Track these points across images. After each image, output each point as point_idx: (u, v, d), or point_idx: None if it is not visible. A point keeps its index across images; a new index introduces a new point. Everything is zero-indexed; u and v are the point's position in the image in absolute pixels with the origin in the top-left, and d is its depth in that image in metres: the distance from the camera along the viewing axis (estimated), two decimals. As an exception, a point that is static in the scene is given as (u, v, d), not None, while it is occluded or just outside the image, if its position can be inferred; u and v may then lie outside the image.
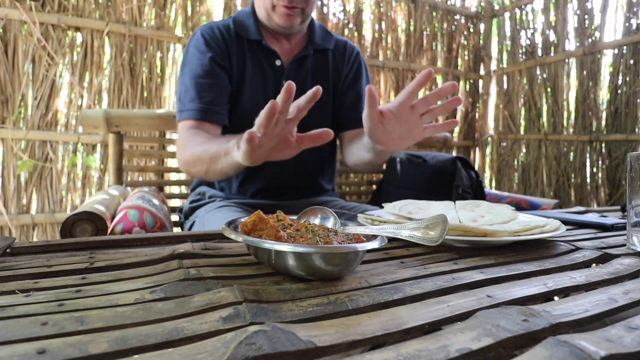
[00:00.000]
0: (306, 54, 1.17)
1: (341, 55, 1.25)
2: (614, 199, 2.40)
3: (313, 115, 1.17)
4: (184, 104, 1.08)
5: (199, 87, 1.07)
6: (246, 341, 0.26)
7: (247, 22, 1.15)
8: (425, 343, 0.27)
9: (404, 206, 0.73)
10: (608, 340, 0.27)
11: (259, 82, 1.13)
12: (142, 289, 0.37)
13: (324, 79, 1.20)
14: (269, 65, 1.14)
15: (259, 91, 1.13)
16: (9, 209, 1.91)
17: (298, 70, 1.17)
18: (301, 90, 1.15)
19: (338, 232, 0.48)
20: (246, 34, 1.13)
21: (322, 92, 1.17)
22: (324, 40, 1.22)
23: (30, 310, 0.32)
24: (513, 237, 0.55)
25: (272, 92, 1.14)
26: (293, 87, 0.72)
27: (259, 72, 1.14)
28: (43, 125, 1.95)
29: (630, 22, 2.30)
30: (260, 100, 1.11)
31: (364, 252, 0.43)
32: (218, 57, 1.10)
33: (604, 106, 2.47)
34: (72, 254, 0.51)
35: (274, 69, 1.15)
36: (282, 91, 0.73)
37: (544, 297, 0.40)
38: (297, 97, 1.14)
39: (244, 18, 1.16)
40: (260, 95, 1.13)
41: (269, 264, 0.44)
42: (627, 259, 0.52)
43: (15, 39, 1.86)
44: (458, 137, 3.12)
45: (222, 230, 0.46)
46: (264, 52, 1.14)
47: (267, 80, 1.14)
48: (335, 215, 0.54)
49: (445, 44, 3.02)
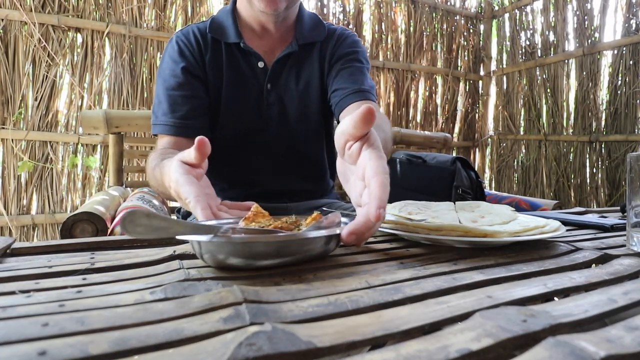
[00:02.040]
0: (291, 50, 1.07)
1: (330, 42, 1.12)
2: (613, 199, 2.40)
3: (301, 119, 1.11)
4: (157, 117, 1.03)
5: (171, 100, 1.02)
6: (246, 342, 0.26)
7: (225, 23, 1.06)
8: (425, 343, 0.27)
9: (404, 207, 0.72)
10: (608, 340, 0.27)
11: (239, 88, 1.06)
12: (143, 289, 0.37)
13: (311, 74, 1.11)
14: (250, 69, 1.06)
15: (241, 98, 1.06)
16: (9, 210, 1.92)
17: (282, 70, 1.08)
18: (286, 90, 1.10)
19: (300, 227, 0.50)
20: (223, 37, 1.05)
21: (309, 88, 1.12)
22: (313, 31, 1.11)
23: (31, 311, 0.32)
24: (513, 238, 0.55)
25: (256, 98, 1.07)
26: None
27: (239, 77, 1.06)
28: (43, 126, 1.95)
29: (630, 23, 2.30)
30: (242, 108, 1.06)
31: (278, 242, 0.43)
32: (192, 67, 1.03)
33: (603, 107, 2.48)
34: (73, 255, 0.51)
35: (255, 72, 1.06)
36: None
37: (544, 297, 0.40)
38: (283, 98, 1.09)
39: (222, 18, 1.08)
40: (243, 102, 1.06)
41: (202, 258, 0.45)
42: (627, 260, 0.52)
43: (16, 40, 1.87)
44: (458, 138, 3.12)
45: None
46: (243, 55, 1.06)
47: (248, 85, 1.06)
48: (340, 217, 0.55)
49: (445, 45, 3.02)
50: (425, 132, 2.72)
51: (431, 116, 2.99)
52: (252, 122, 1.08)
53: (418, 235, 0.55)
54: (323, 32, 1.12)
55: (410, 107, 2.91)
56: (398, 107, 2.84)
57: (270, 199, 1.09)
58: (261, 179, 1.10)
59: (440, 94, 3.03)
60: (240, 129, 1.08)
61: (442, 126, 3.03)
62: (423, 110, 2.97)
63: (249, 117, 1.07)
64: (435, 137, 2.10)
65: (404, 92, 2.84)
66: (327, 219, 0.53)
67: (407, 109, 2.89)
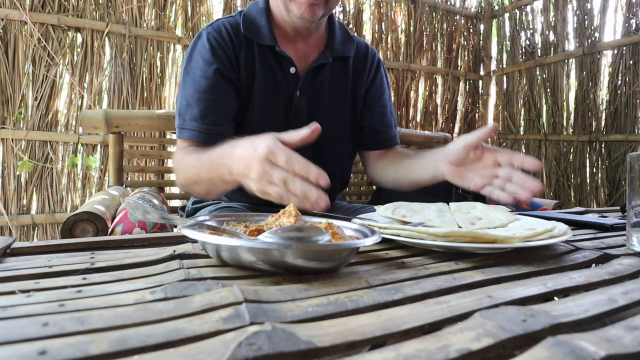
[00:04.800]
0: (324, 61, 1.05)
1: (362, 63, 1.14)
2: (613, 199, 2.40)
3: (328, 133, 1.08)
4: (184, 120, 0.98)
5: (202, 105, 0.97)
6: (246, 341, 0.26)
7: (258, 22, 1.02)
8: (425, 343, 0.27)
9: (397, 209, 0.71)
10: (608, 340, 0.27)
11: (269, 91, 1.03)
12: (143, 289, 0.37)
13: (343, 90, 1.11)
14: (282, 74, 1.03)
15: (270, 102, 1.03)
16: (9, 210, 1.92)
17: (314, 79, 1.06)
18: (316, 100, 1.07)
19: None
20: (258, 38, 1.01)
21: (339, 104, 1.11)
22: (345, 45, 1.10)
23: (31, 311, 0.32)
24: (525, 243, 0.53)
25: (284, 104, 1.04)
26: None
27: (271, 81, 1.03)
28: (43, 126, 1.95)
29: (630, 23, 2.30)
30: (270, 112, 1.03)
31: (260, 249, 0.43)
32: (225, 69, 0.99)
33: (603, 106, 2.48)
34: (73, 255, 0.51)
35: (287, 78, 1.04)
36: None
37: (544, 297, 0.40)
38: (312, 107, 1.07)
39: (255, 16, 1.04)
40: (271, 107, 1.03)
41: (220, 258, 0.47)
42: (627, 259, 0.52)
43: (16, 40, 1.87)
44: (458, 138, 3.12)
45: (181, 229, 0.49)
46: (277, 58, 1.03)
47: (279, 90, 1.03)
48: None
49: (445, 45, 3.02)
50: (425, 131, 2.72)
51: (431, 116, 2.99)
52: (277, 127, 1.01)
53: (424, 242, 0.53)
54: (353, 46, 1.12)
55: (410, 106, 2.90)
56: (398, 106, 2.84)
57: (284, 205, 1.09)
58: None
59: (440, 94, 3.03)
60: (265, 132, 1.03)
61: (442, 126, 3.03)
62: (423, 110, 2.97)
63: (276, 122, 1.03)
64: (435, 136, 2.10)
65: (404, 92, 2.84)
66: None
67: (407, 109, 2.89)
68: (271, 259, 0.43)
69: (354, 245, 0.46)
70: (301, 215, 0.56)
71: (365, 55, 1.15)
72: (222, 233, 0.48)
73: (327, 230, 0.49)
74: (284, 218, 0.54)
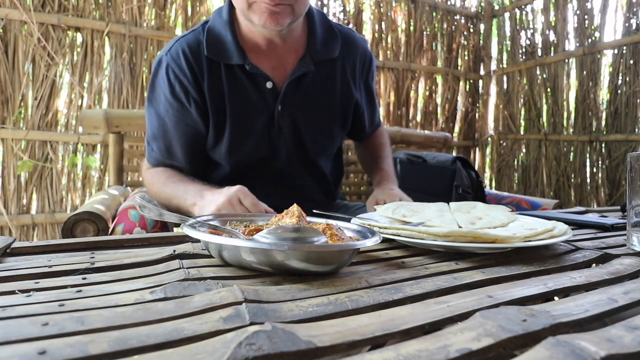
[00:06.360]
0: (306, 70, 0.96)
1: (351, 58, 1.05)
2: (613, 199, 2.40)
3: (317, 142, 1.05)
4: (152, 149, 0.99)
5: (167, 141, 0.96)
6: (246, 341, 0.26)
7: (223, 37, 0.92)
8: (425, 343, 0.27)
9: (397, 209, 0.71)
10: (608, 340, 0.27)
11: (244, 113, 0.95)
12: (143, 289, 0.37)
13: (330, 94, 1.03)
14: (257, 91, 0.94)
15: (247, 124, 0.96)
16: (9, 209, 1.91)
17: (296, 91, 0.97)
18: (301, 112, 1.01)
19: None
20: (224, 59, 0.91)
21: (327, 111, 1.08)
22: (328, 45, 0.99)
23: (31, 311, 0.32)
24: (525, 243, 0.53)
25: (265, 122, 0.97)
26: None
27: (245, 103, 0.94)
28: (43, 126, 1.95)
29: (630, 22, 2.30)
30: (249, 133, 0.97)
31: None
32: (187, 101, 0.93)
33: (603, 106, 2.47)
34: (73, 254, 0.51)
35: (264, 95, 0.95)
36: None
37: (544, 297, 0.40)
38: (297, 120, 1.01)
39: (220, 31, 0.93)
40: (249, 128, 0.96)
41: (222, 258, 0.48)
42: (627, 259, 0.52)
43: (16, 39, 1.86)
44: (458, 137, 3.12)
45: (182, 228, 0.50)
46: (249, 76, 0.93)
47: (255, 109, 0.95)
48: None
49: (445, 44, 3.02)
50: (425, 131, 2.72)
51: (431, 116, 2.99)
52: (262, 149, 1.00)
53: (424, 242, 0.53)
54: (337, 44, 1.01)
55: (410, 106, 2.90)
56: (398, 106, 2.84)
57: (280, 199, 1.09)
58: (276, 201, 0.98)
59: (440, 94, 3.03)
60: (250, 157, 1.00)
61: (442, 126, 3.02)
62: (423, 109, 2.97)
63: (259, 144, 0.99)
64: (436, 136, 2.10)
65: (404, 92, 2.84)
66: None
67: (407, 109, 2.88)
68: (266, 259, 0.43)
69: (353, 247, 0.46)
70: (305, 216, 0.56)
71: (353, 48, 1.05)
72: (222, 233, 0.48)
73: (327, 231, 0.49)
74: (286, 218, 0.54)
